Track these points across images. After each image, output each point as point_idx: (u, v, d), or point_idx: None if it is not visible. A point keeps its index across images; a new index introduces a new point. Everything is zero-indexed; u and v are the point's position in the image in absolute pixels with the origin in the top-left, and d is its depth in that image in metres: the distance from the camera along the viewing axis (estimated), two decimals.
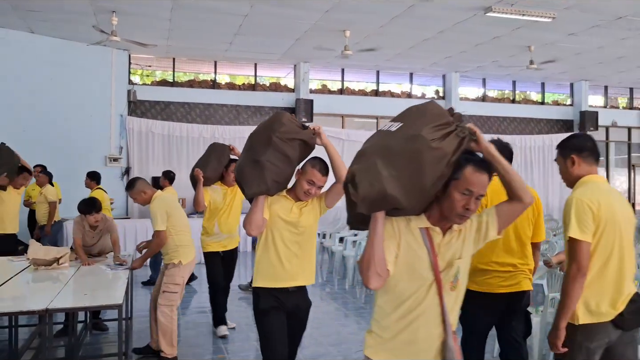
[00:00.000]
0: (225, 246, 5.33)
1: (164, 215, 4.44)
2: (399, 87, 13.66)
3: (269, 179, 2.88)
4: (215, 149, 5.30)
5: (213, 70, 12.18)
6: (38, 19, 8.94)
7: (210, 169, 5.13)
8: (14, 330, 4.64)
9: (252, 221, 2.95)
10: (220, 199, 5.22)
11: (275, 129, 2.92)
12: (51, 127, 9.81)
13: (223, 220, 5.25)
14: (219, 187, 5.26)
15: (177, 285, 4.51)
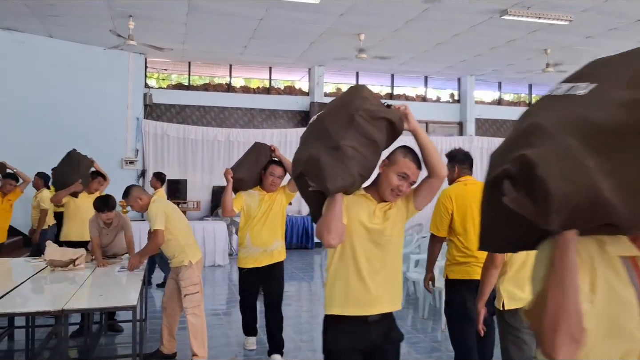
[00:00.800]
0: (260, 262, 4.56)
1: (162, 215, 4.45)
2: (414, 91, 13.62)
3: (354, 169, 2.18)
4: (255, 148, 4.71)
5: (228, 73, 12.26)
6: (57, 23, 9.07)
7: (245, 169, 4.56)
8: (31, 331, 4.70)
9: (332, 227, 2.22)
10: (255, 206, 4.53)
11: (358, 105, 2.24)
12: (69, 130, 9.92)
13: (256, 231, 4.52)
14: (256, 192, 4.59)
15: (196, 285, 4.55)
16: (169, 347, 4.73)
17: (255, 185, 4.61)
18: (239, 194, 4.54)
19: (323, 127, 2.28)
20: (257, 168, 4.58)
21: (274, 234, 4.57)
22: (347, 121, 2.21)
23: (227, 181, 4.45)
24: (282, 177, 4.59)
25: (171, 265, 4.70)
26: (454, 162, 3.91)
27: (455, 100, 13.69)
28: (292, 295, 7.50)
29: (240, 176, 4.49)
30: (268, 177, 4.54)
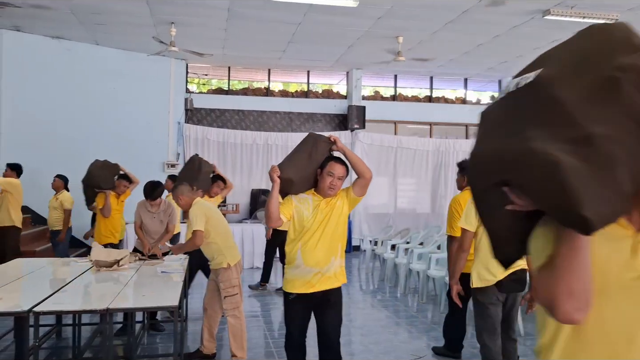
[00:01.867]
0: (313, 286, 3.47)
1: (202, 217, 4.59)
2: (453, 93, 13.45)
3: (624, 180, 1.08)
4: (309, 140, 3.61)
5: (267, 78, 12.39)
6: (102, 31, 9.37)
7: (295, 167, 3.47)
8: (77, 328, 4.86)
9: (575, 290, 1.16)
10: (309, 214, 3.47)
11: (623, 61, 1.04)
12: (113, 134, 10.24)
13: (309, 247, 3.44)
14: (309, 196, 3.52)
15: (235, 287, 4.63)
16: (209, 347, 4.81)
17: (309, 188, 3.54)
18: (287, 199, 3.51)
19: (548, 99, 1.17)
20: (312, 166, 3.49)
21: (332, 250, 3.48)
22: (603, 89, 1.11)
23: (273, 182, 3.38)
24: (343, 178, 3.48)
25: (211, 267, 4.79)
26: (463, 172, 4.60)
27: None
28: None
29: (289, 176, 3.41)
30: (325, 177, 3.44)
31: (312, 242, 3.45)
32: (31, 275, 4.71)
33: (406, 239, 8.68)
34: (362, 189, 3.54)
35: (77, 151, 9.78)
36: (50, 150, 9.43)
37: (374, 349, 5.29)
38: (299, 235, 3.49)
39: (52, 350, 5.26)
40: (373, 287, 8.58)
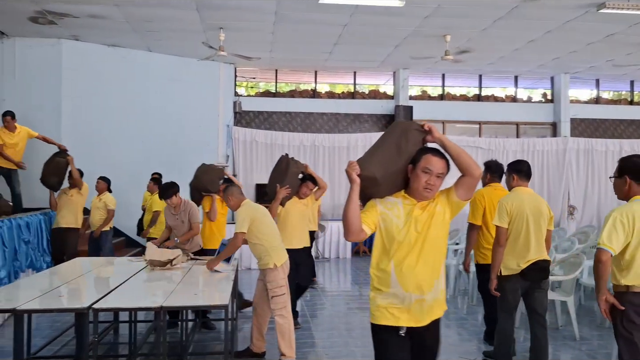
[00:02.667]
0: (413, 318, 2.66)
1: (247, 220, 4.67)
2: (503, 91, 13.15)
3: None
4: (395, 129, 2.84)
5: (313, 79, 12.47)
6: (155, 38, 9.67)
7: (382, 162, 2.69)
8: (133, 325, 5.04)
9: None
10: (401, 222, 2.66)
11: None
12: (165, 138, 10.56)
13: (408, 266, 2.63)
14: (399, 199, 2.71)
15: (282, 287, 4.69)
16: (259, 346, 4.89)
17: (398, 190, 2.73)
18: (370, 205, 2.73)
19: None
20: (401, 161, 2.68)
21: (435, 270, 2.68)
22: None
23: (352, 182, 2.62)
24: (443, 176, 2.65)
25: (259, 268, 4.88)
26: (487, 171, 5.16)
27: (548, 100, 13.05)
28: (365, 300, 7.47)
29: (373, 174, 2.62)
30: (420, 175, 2.63)
31: (411, 260, 2.63)
32: (89, 274, 4.92)
33: (455, 240, 8.54)
34: (469, 190, 2.67)
35: (132, 154, 10.15)
36: (105, 153, 9.80)
37: None
38: (391, 251, 2.66)
39: (109, 345, 5.48)
40: None
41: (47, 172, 7.35)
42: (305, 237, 5.93)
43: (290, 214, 5.77)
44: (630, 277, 3.18)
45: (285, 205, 5.77)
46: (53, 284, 4.18)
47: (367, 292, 2.85)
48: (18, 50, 9.44)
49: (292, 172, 5.92)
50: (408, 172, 2.69)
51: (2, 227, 5.86)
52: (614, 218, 3.18)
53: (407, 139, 2.71)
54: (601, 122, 13.18)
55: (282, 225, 5.65)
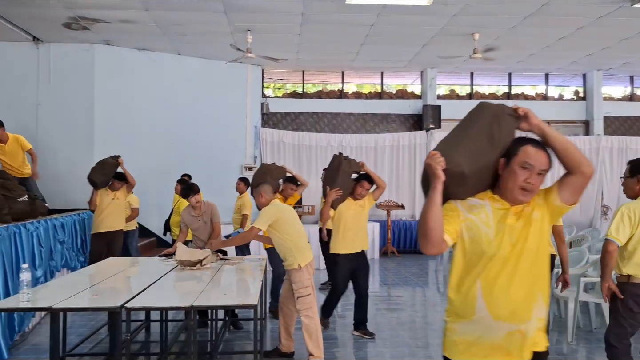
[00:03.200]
0: (509, 354, 2.10)
1: (269, 220, 4.69)
2: (534, 89, 12.93)
3: None
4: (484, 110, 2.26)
5: (340, 80, 12.47)
6: (183, 41, 9.82)
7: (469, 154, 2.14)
8: (164, 324, 5.12)
9: None
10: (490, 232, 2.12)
11: None
12: (194, 139, 10.71)
13: (500, 287, 2.09)
14: (486, 201, 2.20)
15: (307, 287, 4.70)
16: (287, 345, 4.92)
17: (485, 189, 2.19)
18: (451, 208, 2.17)
19: None
20: (494, 152, 2.15)
21: (534, 293, 2.10)
22: None
23: (435, 178, 2.06)
24: (544, 174, 2.13)
25: (285, 268, 4.90)
26: None
27: (580, 97, 12.78)
28: (406, 300, 7.44)
29: (460, 168, 2.09)
30: (517, 172, 2.11)
31: (504, 280, 2.06)
32: (122, 273, 5.02)
33: None
34: (576, 193, 2.10)
35: (162, 156, 10.31)
36: (136, 154, 9.98)
37: None
38: (477, 267, 2.10)
39: (141, 344, 5.58)
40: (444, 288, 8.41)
41: (96, 170, 7.26)
42: (361, 240, 5.63)
43: (344, 216, 5.53)
44: (630, 266, 3.64)
45: (339, 208, 5.53)
46: (87, 283, 4.28)
47: (396, 293, 2.80)
48: (53, 56, 9.70)
49: (344, 172, 5.55)
50: (499, 168, 2.15)
51: (38, 227, 6.02)
52: (622, 212, 3.64)
53: (500, 126, 2.17)
54: (635, 119, 12.84)
55: (335, 228, 5.54)
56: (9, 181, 6.42)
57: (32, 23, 8.75)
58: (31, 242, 5.78)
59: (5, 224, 5.44)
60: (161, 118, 10.47)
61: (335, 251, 5.58)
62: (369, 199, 5.65)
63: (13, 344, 5.20)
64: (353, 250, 5.54)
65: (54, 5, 7.77)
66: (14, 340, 5.25)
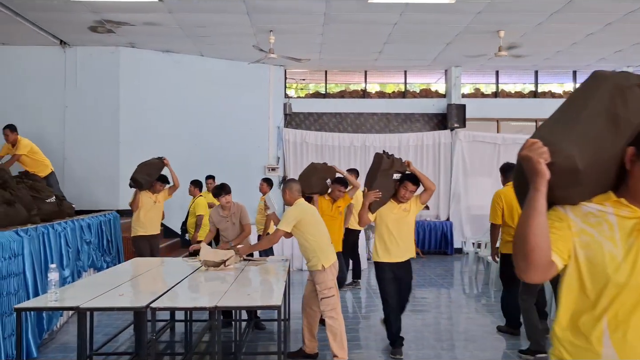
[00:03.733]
0: None
1: (293, 220, 4.69)
2: (561, 87, 12.69)
3: None
4: (599, 83, 1.76)
5: (363, 79, 12.42)
6: (206, 43, 9.88)
7: (584, 140, 1.59)
8: (189, 324, 5.15)
9: None
10: (616, 251, 1.49)
11: None
12: (217, 140, 10.78)
13: (636, 324, 1.51)
14: (608, 208, 1.61)
15: (331, 288, 4.68)
16: (311, 347, 4.90)
17: (605, 190, 1.63)
18: (558, 216, 1.61)
19: None
20: (620, 138, 1.59)
21: None
22: None
23: (537, 176, 1.53)
24: None
25: (308, 269, 4.88)
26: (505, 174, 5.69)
27: None
28: (431, 302, 7.36)
29: (572, 161, 1.57)
30: None
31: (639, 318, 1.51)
32: (147, 273, 5.06)
33: None
34: None
35: (186, 156, 10.40)
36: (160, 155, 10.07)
37: (480, 355, 5.11)
38: (601, 299, 1.53)
39: (166, 343, 5.62)
40: (477, 291, 8.31)
41: (140, 170, 7.03)
42: (407, 248, 5.04)
43: (385, 221, 4.95)
44: None
45: (379, 212, 4.92)
46: (113, 283, 4.32)
47: (421, 294, 2.77)
48: (79, 59, 9.87)
49: (383, 172, 4.91)
50: (626, 161, 1.56)
51: (65, 228, 6.12)
52: None
53: (626, 102, 1.60)
54: None
55: (377, 234, 5.06)
56: (37, 183, 6.55)
57: (59, 27, 8.91)
58: (59, 242, 5.88)
59: (34, 224, 5.54)
60: (185, 119, 10.56)
61: (377, 259, 5.02)
62: (415, 202, 5.02)
63: (42, 342, 5.29)
64: (397, 259, 4.97)
65: (81, 10, 7.89)
66: (43, 338, 5.34)
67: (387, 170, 4.87)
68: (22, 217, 5.51)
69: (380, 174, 4.84)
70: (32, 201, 5.97)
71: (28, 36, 9.07)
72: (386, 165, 4.88)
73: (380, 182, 4.84)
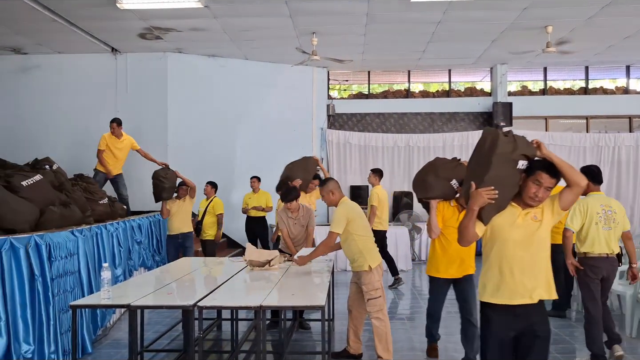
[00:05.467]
0: None
1: (344, 220, 4.63)
2: (613, 83, 12.24)
3: None
4: None
5: (407, 79, 12.32)
6: (251, 46, 10.04)
7: None
8: (235, 323, 5.25)
9: None
10: None
11: None
12: (261, 142, 10.92)
13: None
14: None
15: (377, 289, 4.65)
16: (355, 347, 4.90)
17: None
18: None
19: None
20: None
21: None
22: None
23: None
24: None
25: (352, 270, 4.87)
26: None
27: None
28: None
29: None
30: None
31: None
32: (195, 272, 5.19)
33: None
34: None
35: (230, 158, 10.60)
36: (206, 156, 10.30)
37: None
38: None
39: (213, 341, 5.75)
40: None
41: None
42: (538, 282, 2.98)
43: (505, 237, 2.94)
44: (585, 246, 4.77)
45: (494, 223, 2.92)
46: (162, 282, 4.46)
47: None
48: (129, 65, 10.20)
49: (502, 158, 2.99)
50: None
51: (117, 228, 6.34)
52: (574, 208, 4.72)
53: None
54: None
55: (487, 259, 3.32)
56: (91, 185, 6.82)
57: (110, 35, 9.24)
58: (111, 242, 6.10)
59: (88, 225, 5.76)
60: (230, 121, 10.76)
61: (484, 298, 3.01)
62: (552, 207, 3.25)
63: (96, 338, 5.50)
64: (520, 299, 2.97)
65: (130, 17, 8.16)
66: (97, 335, 5.55)
67: (509, 154, 2.86)
68: (77, 218, 5.73)
69: (497, 160, 2.84)
70: (86, 203, 6.21)
71: (81, 44, 9.45)
72: (507, 147, 2.86)
73: (497, 173, 2.84)
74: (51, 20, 8.06)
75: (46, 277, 4.51)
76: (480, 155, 2.99)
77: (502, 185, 2.86)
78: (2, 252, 4.16)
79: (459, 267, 4.62)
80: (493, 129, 3.08)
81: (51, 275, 4.60)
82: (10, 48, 9.84)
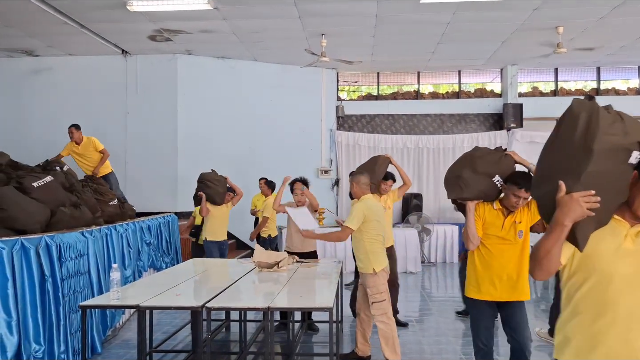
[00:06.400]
0: None
1: (361, 216, 4.59)
2: (625, 84, 12.12)
3: None
4: None
5: (416, 80, 12.29)
6: (260, 48, 10.06)
7: None
8: (243, 325, 5.25)
9: None
10: None
11: None
12: (271, 144, 10.95)
13: None
14: None
15: (382, 293, 4.62)
16: (363, 350, 4.89)
17: None
18: None
19: None
20: None
21: None
22: None
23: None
24: None
25: (358, 269, 4.86)
26: None
27: None
28: None
29: None
30: None
31: None
32: (203, 274, 5.20)
33: None
34: None
35: (239, 159, 10.62)
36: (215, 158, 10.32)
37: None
38: None
39: (221, 342, 5.75)
40: (536, 295, 8.04)
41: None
42: None
43: (610, 271, 1.74)
44: None
45: (590, 248, 2.03)
46: (171, 283, 4.47)
47: None
48: (139, 67, 10.27)
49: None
50: None
51: (127, 229, 6.37)
52: None
53: None
54: None
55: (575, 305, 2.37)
56: (101, 186, 6.86)
57: (120, 37, 9.30)
58: (121, 243, 6.13)
59: (98, 226, 5.80)
60: (239, 123, 10.79)
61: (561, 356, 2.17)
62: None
63: (105, 338, 5.52)
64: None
65: (140, 20, 8.21)
66: (106, 335, 5.58)
67: (619, 139, 1.95)
68: (87, 219, 5.77)
69: (600, 150, 1.90)
70: (96, 204, 6.25)
71: (92, 46, 9.53)
72: (614, 129, 1.99)
73: (599, 169, 1.88)
74: (62, 23, 8.13)
75: (56, 277, 4.54)
76: (569, 141, 2.00)
77: (606, 189, 1.84)
78: (13, 252, 4.19)
79: (506, 288, 3.63)
80: (587, 101, 2.11)
81: (61, 275, 4.62)
82: (22, 50, 9.94)
